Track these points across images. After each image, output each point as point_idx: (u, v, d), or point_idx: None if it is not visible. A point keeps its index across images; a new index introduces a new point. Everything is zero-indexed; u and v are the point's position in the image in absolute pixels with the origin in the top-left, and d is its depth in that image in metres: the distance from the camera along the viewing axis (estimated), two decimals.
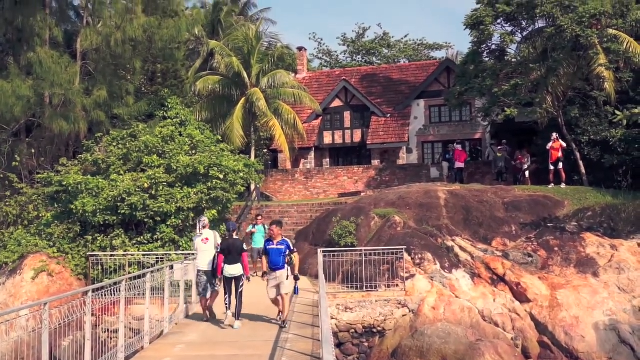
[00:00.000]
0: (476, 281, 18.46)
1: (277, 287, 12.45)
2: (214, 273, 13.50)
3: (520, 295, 17.84)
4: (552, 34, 23.83)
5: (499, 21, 25.98)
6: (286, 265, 12.50)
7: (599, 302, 17.34)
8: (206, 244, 13.75)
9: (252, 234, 20.87)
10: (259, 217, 21.56)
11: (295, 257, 12.80)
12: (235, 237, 13.32)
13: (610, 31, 23.51)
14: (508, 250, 19.73)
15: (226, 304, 13.07)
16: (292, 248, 12.65)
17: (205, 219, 14.58)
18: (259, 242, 20.17)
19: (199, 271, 13.83)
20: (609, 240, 19.71)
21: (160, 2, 26.94)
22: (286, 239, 12.68)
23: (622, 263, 18.56)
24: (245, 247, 13.37)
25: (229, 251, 12.85)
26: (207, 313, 13.73)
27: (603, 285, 17.98)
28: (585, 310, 17.10)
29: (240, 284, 12.89)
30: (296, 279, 12.77)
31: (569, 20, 22.92)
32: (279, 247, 12.48)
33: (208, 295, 13.70)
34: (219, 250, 13.16)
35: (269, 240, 12.64)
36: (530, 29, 26.22)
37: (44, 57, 23.08)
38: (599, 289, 17.82)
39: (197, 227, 14.36)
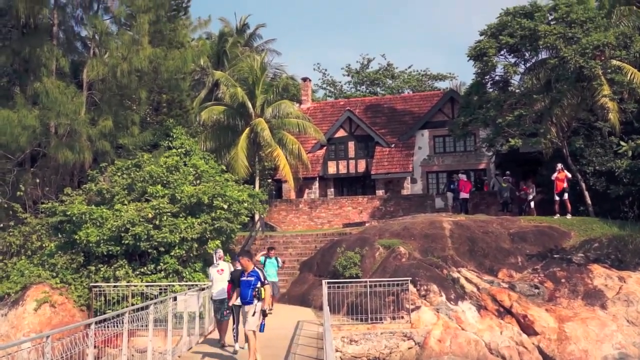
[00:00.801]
0: (482, 313, 18.26)
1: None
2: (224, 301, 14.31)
3: (527, 327, 17.62)
4: (556, 65, 23.94)
5: (502, 52, 26.09)
6: (255, 300, 11.68)
7: (607, 335, 17.12)
8: (221, 274, 14.70)
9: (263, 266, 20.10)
10: (272, 250, 20.59)
11: (266, 290, 11.83)
12: None
13: (614, 62, 23.60)
14: (514, 282, 19.56)
15: (234, 335, 13.46)
16: (262, 280, 11.81)
17: (220, 251, 15.60)
18: (272, 276, 19.47)
19: (214, 300, 14.79)
20: (617, 272, 19.53)
21: (166, 33, 27.18)
22: (257, 270, 11.94)
23: (630, 295, 18.37)
24: None
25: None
26: (222, 336, 14.59)
27: (611, 317, 17.77)
28: (594, 343, 16.88)
29: None
30: (263, 314, 11.75)
31: (572, 51, 23.03)
32: (248, 278, 11.80)
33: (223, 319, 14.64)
34: (229, 280, 13.87)
35: (242, 272, 12.16)
36: (533, 60, 26.32)
37: (50, 87, 23.21)
38: (608, 321, 17.61)
39: (214, 258, 15.38)
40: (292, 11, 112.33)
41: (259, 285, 11.70)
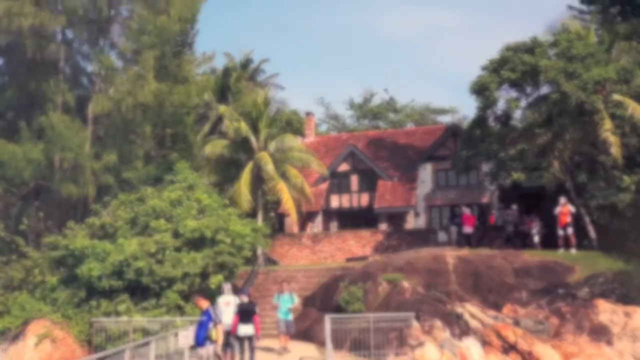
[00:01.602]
0: (487, 349, 18.04)
1: None
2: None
3: None
4: (557, 100, 24.04)
5: (503, 87, 26.26)
6: (207, 342, 11.15)
7: None
8: (227, 307, 15.30)
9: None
10: (285, 283, 19.60)
11: (216, 331, 11.23)
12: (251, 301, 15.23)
13: (615, 97, 23.73)
14: (519, 317, 19.37)
15: None
16: (213, 319, 11.26)
17: (229, 284, 16.60)
18: (283, 313, 18.38)
19: None
20: (622, 307, 19.32)
21: (171, 68, 27.47)
22: (210, 310, 11.39)
23: (636, 331, 18.14)
24: (257, 309, 15.30)
25: (247, 312, 14.42)
26: None
27: (618, 354, 17.54)
28: None
29: (252, 342, 14.48)
30: (218, 358, 11.30)
31: (574, 86, 23.16)
32: (201, 318, 11.35)
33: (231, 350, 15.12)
34: (236, 312, 14.73)
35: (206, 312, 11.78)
36: (535, 95, 26.48)
37: (55, 121, 23.43)
38: (614, 357, 17.38)
39: (224, 289, 16.20)
40: (295, 46, 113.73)
41: (210, 325, 11.17)
